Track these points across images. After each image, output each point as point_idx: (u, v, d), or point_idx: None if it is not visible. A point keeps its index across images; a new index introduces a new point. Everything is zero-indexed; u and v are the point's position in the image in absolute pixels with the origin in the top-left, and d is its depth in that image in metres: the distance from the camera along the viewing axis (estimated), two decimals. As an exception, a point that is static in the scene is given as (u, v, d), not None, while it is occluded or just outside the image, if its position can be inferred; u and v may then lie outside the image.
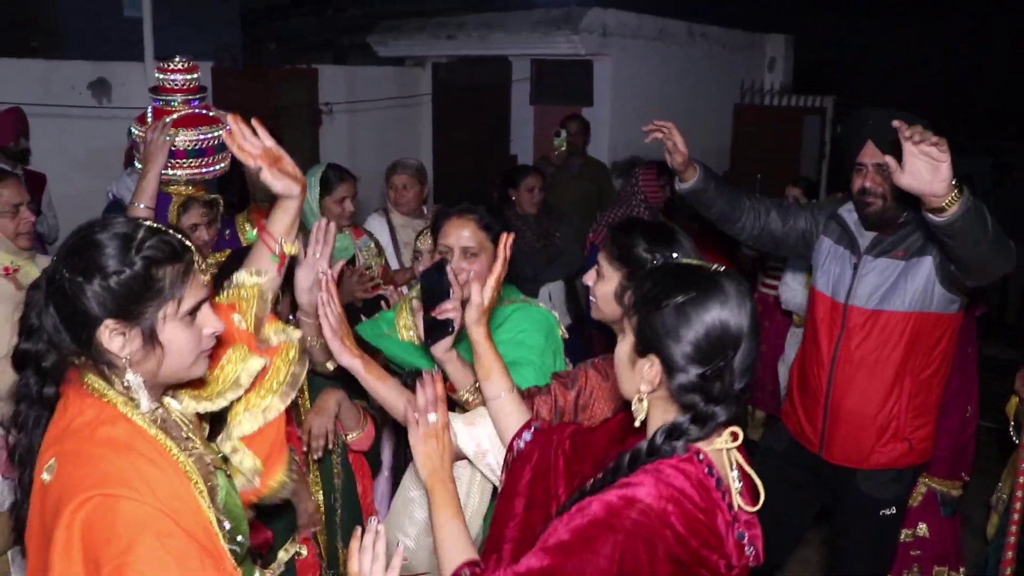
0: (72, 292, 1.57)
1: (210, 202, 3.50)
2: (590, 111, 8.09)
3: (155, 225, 1.66)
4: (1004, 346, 4.15)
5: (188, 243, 1.67)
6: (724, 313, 1.60)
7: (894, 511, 3.24)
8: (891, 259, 3.07)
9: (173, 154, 3.27)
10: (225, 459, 1.87)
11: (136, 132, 3.39)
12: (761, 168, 8.47)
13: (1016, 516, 3.20)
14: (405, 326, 2.91)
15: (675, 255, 2.20)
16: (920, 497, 4.07)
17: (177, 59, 3.34)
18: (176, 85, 3.33)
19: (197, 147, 3.30)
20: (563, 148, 6.64)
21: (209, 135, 3.33)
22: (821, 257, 3.30)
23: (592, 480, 1.69)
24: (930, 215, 2.57)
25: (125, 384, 1.61)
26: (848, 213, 3.25)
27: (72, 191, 6.40)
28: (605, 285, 2.28)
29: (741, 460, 1.65)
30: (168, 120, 3.26)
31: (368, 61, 9.72)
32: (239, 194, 6.11)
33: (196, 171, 3.35)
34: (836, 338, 3.17)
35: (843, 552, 3.40)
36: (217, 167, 3.43)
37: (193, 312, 1.66)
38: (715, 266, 1.70)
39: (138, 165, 3.38)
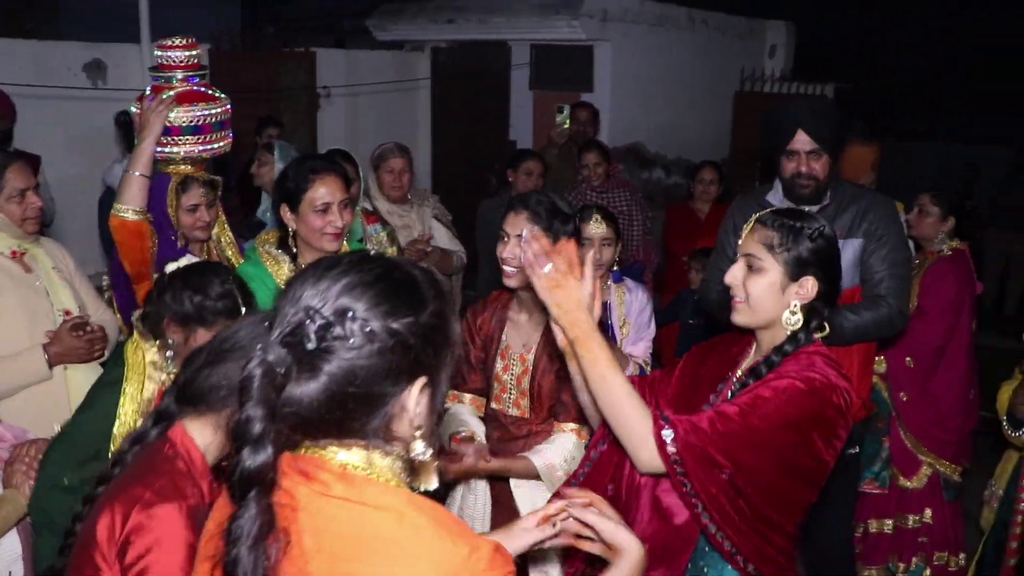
0: (387, 341, 1.25)
1: (210, 182, 3.44)
2: (590, 97, 8.05)
3: None
4: (1001, 336, 4.17)
5: None
6: (829, 229, 2.14)
7: (857, 450, 3.53)
8: None
9: (169, 131, 3.22)
10: None
11: (135, 109, 3.34)
12: (760, 156, 8.45)
13: (1022, 506, 3.18)
14: None
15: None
16: (925, 479, 4.10)
17: (177, 37, 3.29)
18: (176, 62, 3.27)
19: (194, 123, 3.24)
20: (566, 126, 6.41)
21: (207, 112, 3.28)
22: None
23: (745, 378, 2.14)
24: None
25: (408, 456, 1.32)
26: (774, 196, 3.40)
27: (66, 173, 6.36)
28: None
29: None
30: (171, 94, 3.22)
31: (368, 45, 9.67)
32: (239, 188, 6.06)
33: (193, 148, 3.29)
34: None
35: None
36: (215, 146, 3.37)
37: None
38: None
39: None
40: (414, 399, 1.28)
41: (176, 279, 2.49)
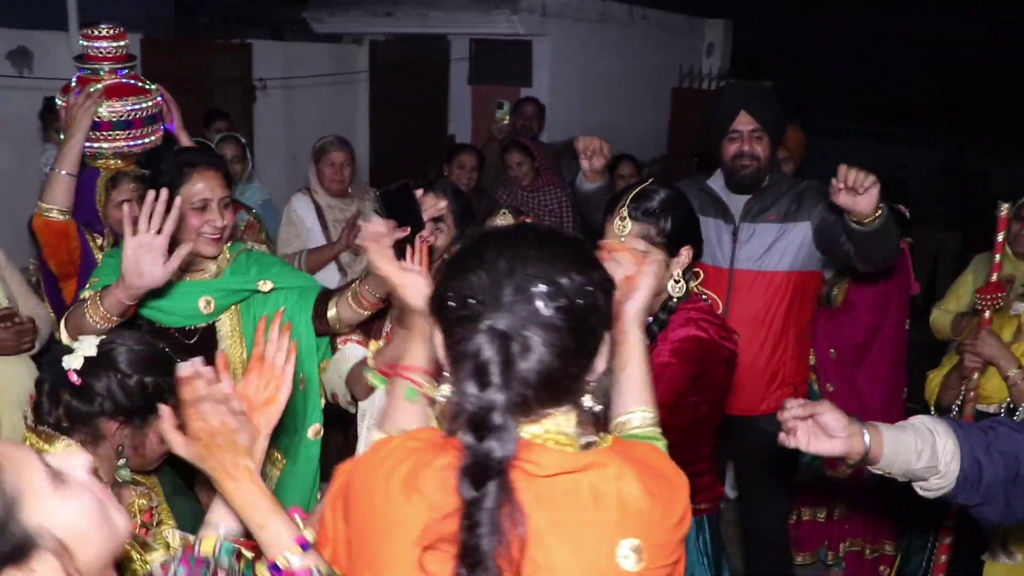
0: (600, 297, 1.29)
1: (141, 177, 3.34)
2: (528, 92, 8.03)
3: None
4: (928, 331, 4.29)
5: None
6: (673, 192, 2.44)
7: None
8: (767, 223, 3.35)
9: (98, 126, 3.12)
10: None
11: (60, 102, 3.23)
12: (698, 152, 8.52)
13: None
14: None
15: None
16: (850, 470, 4.16)
17: (103, 26, 3.19)
18: (102, 53, 3.17)
19: (124, 118, 3.15)
20: (505, 121, 6.40)
21: (138, 106, 3.18)
22: None
23: None
24: (853, 224, 2.93)
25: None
26: (714, 182, 3.50)
27: (-9, 163, 6.17)
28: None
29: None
30: (99, 87, 3.12)
31: (305, 37, 9.55)
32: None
33: (124, 144, 3.20)
34: (725, 301, 3.41)
35: (752, 486, 3.72)
36: (147, 140, 3.27)
37: None
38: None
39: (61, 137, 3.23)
40: (606, 350, 1.33)
41: (111, 367, 1.99)
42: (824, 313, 4.04)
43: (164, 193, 2.30)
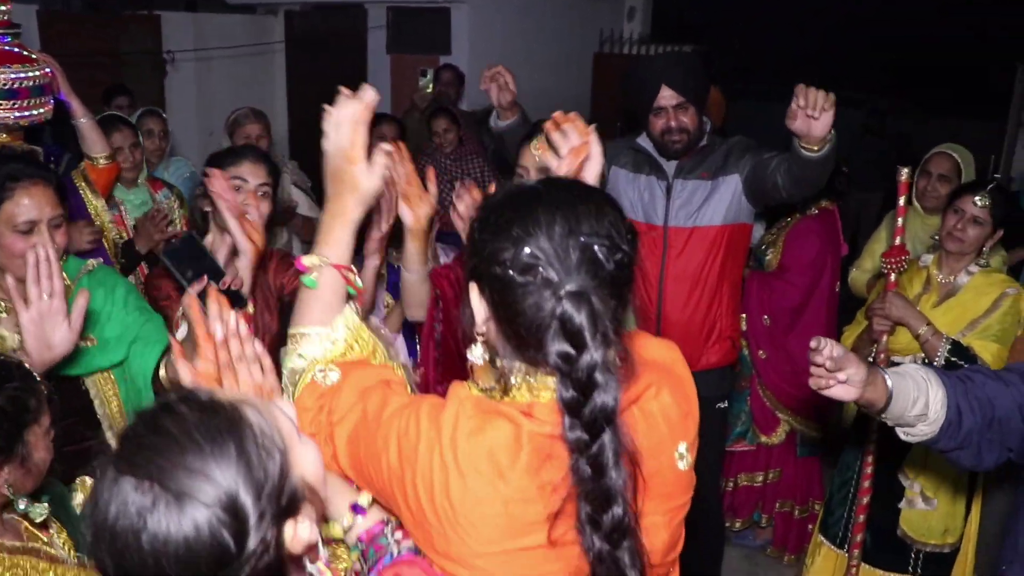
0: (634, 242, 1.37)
1: (29, 153, 3.18)
2: (448, 60, 7.93)
3: None
4: (846, 289, 4.34)
5: None
6: None
7: (726, 404, 3.70)
8: (699, 180, 3.37)
9: (-23, 95, 2.97)
10: None
11: (-64, 72, 3.05)
12: (621, 117, 8.50)
13: (870, 457, 3.29)
14: None
15: None
16: (784, 435, 4.18)
17: (-20, -9, 3.03)
18: (-20, 19, 3.02)
19: (9, 87, 3.00)
20: (428, 90, 6.37)
21: (23, 75, 3.03)
22: (619, 187, 3.47)
23: None
24: (803, 150, 2.95)
25: None
26: (644, 141, 3.49)
27: None
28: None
29: None
30: (-29, 56, 2.96)
31: (218, 8, 9.29)
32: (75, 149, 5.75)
33: (9, 114, 3.04)
34: (660, 257, 3.42)
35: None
36: (35, 112, 3.13)
37: None
38: None
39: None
40: None
41: None
42: (757, 278, 4.04)
43: (44, 250, 1.98)
